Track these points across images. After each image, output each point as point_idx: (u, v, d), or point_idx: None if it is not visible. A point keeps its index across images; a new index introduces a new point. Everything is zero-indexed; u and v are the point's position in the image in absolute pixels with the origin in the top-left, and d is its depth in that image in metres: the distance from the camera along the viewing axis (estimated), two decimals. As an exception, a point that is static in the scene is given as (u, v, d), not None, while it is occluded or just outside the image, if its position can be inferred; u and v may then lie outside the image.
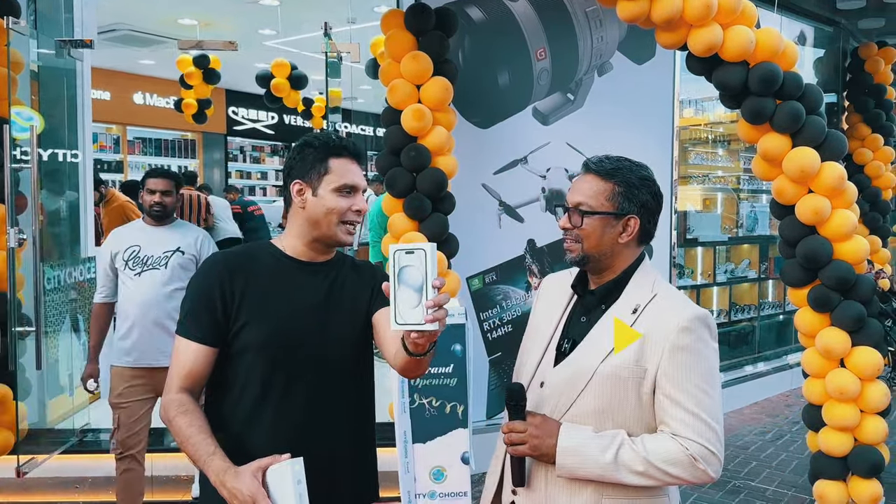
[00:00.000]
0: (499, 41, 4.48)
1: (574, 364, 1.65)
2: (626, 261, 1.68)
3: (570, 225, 1.65)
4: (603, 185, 1.64)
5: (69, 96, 4.52)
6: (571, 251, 1.68)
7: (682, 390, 1.55)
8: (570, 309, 1.78)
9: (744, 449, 4.96)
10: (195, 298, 1.73)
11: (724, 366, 6.20)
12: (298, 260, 1.80)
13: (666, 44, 3.47)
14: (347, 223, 1.76)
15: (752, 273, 6.63)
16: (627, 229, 1.64)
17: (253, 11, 6.42)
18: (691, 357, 1.56)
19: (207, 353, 1.70)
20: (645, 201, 1.65)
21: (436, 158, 3.73)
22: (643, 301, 1.63)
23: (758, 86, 3.39)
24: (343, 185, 1.74)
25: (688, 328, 1.57)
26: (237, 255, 1.81)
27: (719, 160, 6.83)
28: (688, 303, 1.65)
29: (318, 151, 1.75)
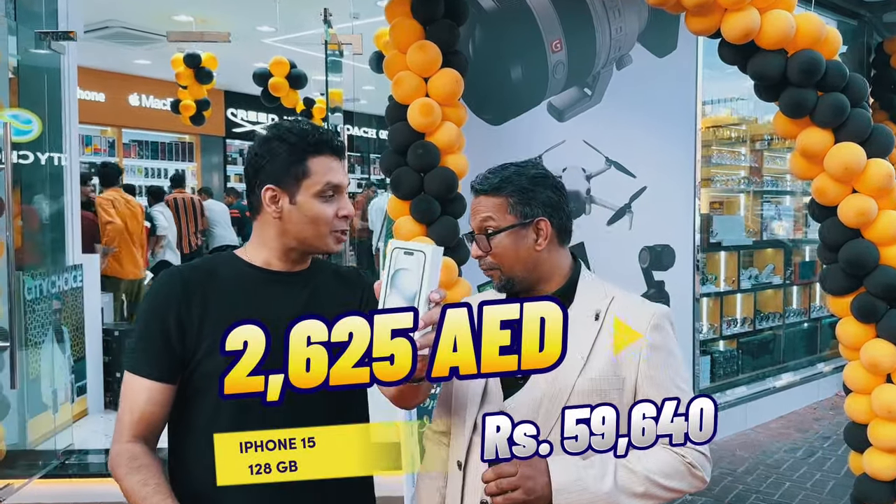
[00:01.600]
0: (512, 32, 4.19)
1: (542, 384, 1.48)
2: (556, 267, 1.57)
3: (481, 252, 1.53)
4: (498, 201, 1.52)
5: (52, 95, 4.24)
6: (494, 278, 1.55)
7: (665, 391, 1.46)
8: None
9: (775, 468, 4.65)
10: (146, 325, 1.45)
11: (749, 377, 5.90)
12: (269, 270, 1.53)
13: (697, 30, 3.20)
14: (337, 231, 1.52)
15: (777, 279, 6.33)
16: (540, 233, 1.53)
17: (250, 7, 6.16)
18: (668, 355, 1.51)
19: (163, 391, 1.42)
20: (546, 199, 1.54)
21: (445, 157, 3.43)
22: (602, 305, 1.54)
23: (798, 76, 3.13)
24: (326, 186, 1.47)
25: (659, 325, 1.51)
26: (194, 269, 1.53)
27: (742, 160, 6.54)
28: (647, 301, 1.59)
29: (294, 149, 1.47)
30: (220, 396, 1.21)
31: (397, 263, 1.16)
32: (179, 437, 1.48)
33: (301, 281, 1.56)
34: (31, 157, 4.09)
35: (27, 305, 3.85)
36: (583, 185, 4.45)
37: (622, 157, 4.56)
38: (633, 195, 4.63)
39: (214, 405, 1.42)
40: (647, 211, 4.66)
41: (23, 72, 4.00)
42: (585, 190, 4.46)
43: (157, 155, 10.10)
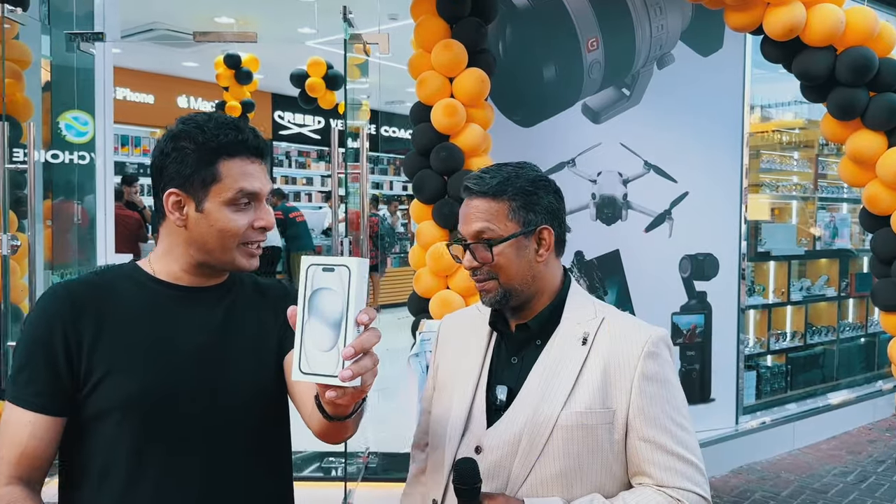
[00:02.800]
0: (545, 30, 4.04)
1: (521, 418, 1.34)
2: (553, 281, 1.43)
3: (479, 262, 1.37)
4: (497, 205, 1.37)
5: (86, 95, 4.28)
6: (488, 291, 1.39)
7: (661, 429, 1.31)
8: (493, 350, 1.44)
9: (822, 493, 4.37)
10: (28, 350, 1.25)
11: (799, 395, 5.60)
12: (176, 285, 1.33)
13: (738, 26, 3.02)
14: (249, 244, 1.31)
15: (831, 291, 6.00)
16: (543, 243, 1.39)
17: (291, 9, 6.14)
18: (662, 387, 1.34)
19: (49, 425, 1.23)
20: (548, 205, 1.40)
21: (469, 160, 3.31)
22: (591, 327, 1.38)
23: (847, 74, 2.93)
24: (238, 193, 1.27)
25: (654, 353, 1.34)
26: (85, 284, 1.32)
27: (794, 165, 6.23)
28: (643, 323, 1.40)
29: (203, 149, 1.26)
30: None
31: (315, 283, 0.99)
32: (71, 481, 1.29)
33: (214, 298, 1.36)
34: (77, 157, 4.14)
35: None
36: (619, 189, 4.27)
37: (662, 161, 4.36)
38: (674, 201, 4.42)
39: (110, 445, 1.24)
40: (688, 218, 4.45)
41: (56, 73, 4.04)
42: (622, 195, 4.27)
43: (205, 156, 10.22)
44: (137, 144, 9.33)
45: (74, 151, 4.02)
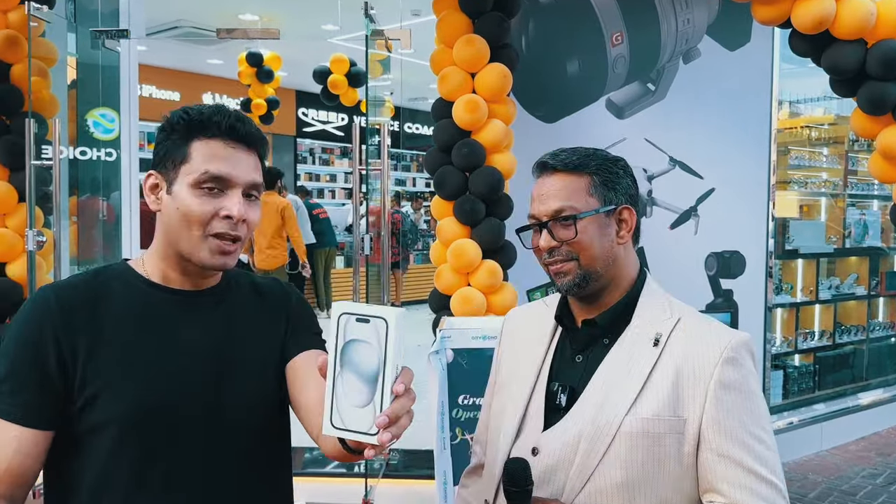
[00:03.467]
0: (568, 24, 3.99)
1: (582, 420, 1.25)
2: (628, 270, 1.34)
3: (558, 241, 1.29)
4: (577, 181, 1.31)
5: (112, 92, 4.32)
6: (566, 273, 1.30)
7: (738, 443, 1.18)
8: (556, 347, 1.36)
9: (851, 495, 4.29)
10: (14, 357, 1.16)
11: (827, 395, 5.50)
12: (169, 288, 1.25)
13: (765, 19, 2.95)
14: (215, 237, 1.19)
15: (861, 289, 5.89)
16: (624, 225, 1.32)
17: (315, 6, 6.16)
18: (742, 397, 1.21)
19: (36, 439, 1.15)
20: (628, 187, 1.34)
21: (491, 156, 3.29)
22: (665, 328, 1.27)
23: (878, 68, 2.85)
24: (204, 175, 1.17)
25: (733, 359, 1.22)
26: (76, 288, 1.22)
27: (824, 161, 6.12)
28: (723, 326, 1.30)
29: (177, 129, 1.20)
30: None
31: (349, 333, 0.92)
32: (59, 498, 1.21)
33: (210, 302, 1.28)
34: (114, 154, 4.19)
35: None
36: (644, 186, 4.21)
37: (688, 157, 4.29)
38: (700, 197, 4.35)
39: (104, 461, 1.16)
40: (714, 214, 4.38)
41: (82, 70, 4.09)
42: (647, 191, 4.22)
43: (230, 153, 10.30)
44: (163, 141, 9.41)
45: (101, 148, 4.08)
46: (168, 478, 1.19)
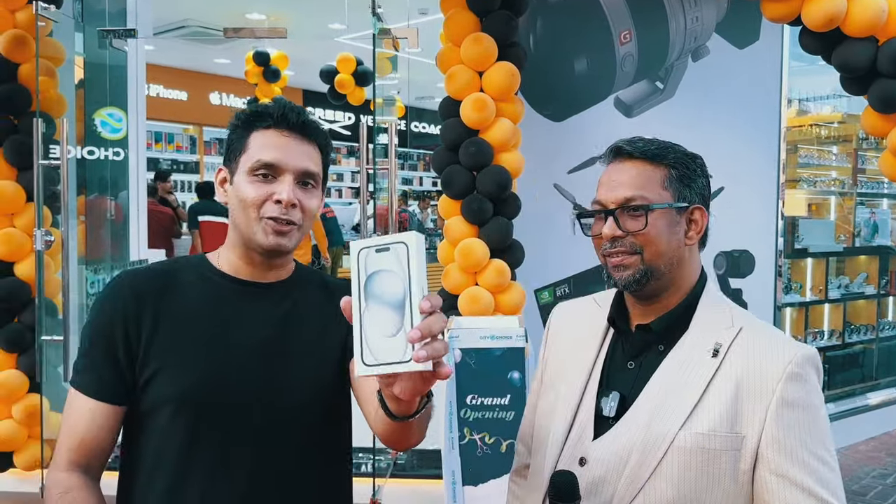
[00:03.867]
0: (576, 22, 3.98)
1: (633, 431, 1.19)
2: (692, 274, 1.27)
3: (623, 231, 1.22)
4: (653, 171, 1.24)
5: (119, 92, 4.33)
6: (627, 267, 1.23)
7: (798, 463, 1.12)
8: (608, 351, 1.30)
9: (861, 495, 4.27)
10: (92, 337, 1.26)
11: (837, 394, 5.48)
12: (238, 279, 1.32)
13: (775, 16, 2.93)
14: (270, 220, 1.26)
15: (870, 289, 5.86)
16: (694, 225, 1.26)
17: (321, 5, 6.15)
18: (805, 415, 1.14)
19: (108, 413, 1.23)
20: (702, 187, 1.29)
21: (499, 155, 3.28)
22: (725, 338, 1.20)
23: (890, 66, 2.83)
24: (257, 163, 1.25)
25: (798, 375, 1.15)
26: (150, 274, 1.32)
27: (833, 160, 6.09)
28: (788, 339, 1.24)
29: (239, 123, 1.31)
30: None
31: (370, 266, 0.91)
32: (124, 479, 1.29)
33: (276, 294, 1.34)
34: (123, 153, 4.19)
35: (89, 299, 3.92)
36: (652, 185, 4.20)
37: (697, 156, 4.28)
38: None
39: (162, 437, 1.23)
40: (723, 213, 4.31)
41: (89, 69, 4.09)
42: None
43: (237, 152, 10.33)
44: (171, 141, 9.45)
45: (109, 147, 4.08)
46: (216, 462, 1.23)
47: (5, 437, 3.38)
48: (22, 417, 3.39)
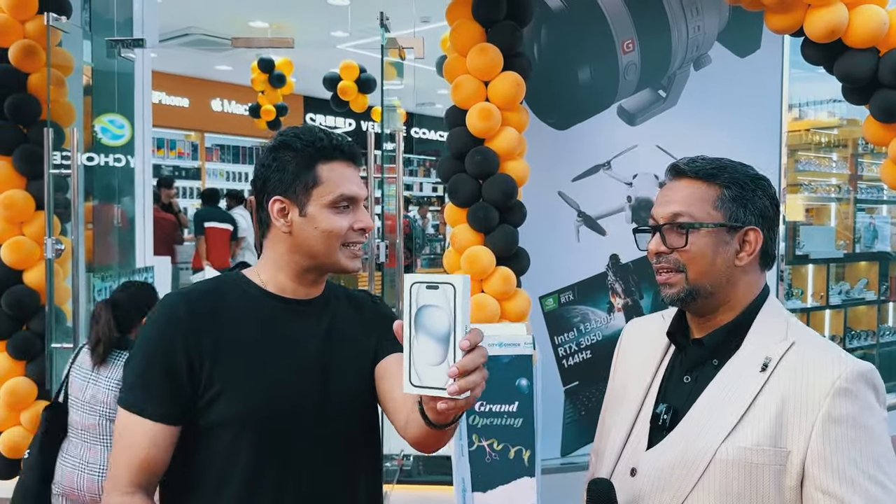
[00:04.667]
0: (580, 32, 4.02)
1: (680, 444, 1.21)
2: (747, 294, 1.26)
3: (667, 248, 1.24)
4: (706, 190, 1.24)
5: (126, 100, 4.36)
6: (672, 285, 1.25)
7: (847, 482, 1.10)
8: (667, 365, 1.31)
9: (863, 500, 4.29)
10: (149, 358, 1.28)
11: (837, 399, 5.51)
12: (284, 298, 1.38)
13: (778, 28, 2.97)
14: (351, 245, 1.36)
15: (871, 294, 5.90)
16: (746, 246, 1.24)
17: (324, 13, 6.20)
18: (855, 432, 1.12)
19: (167, 434, 1.26)
20: (763, 208, 1.26)
21: (504, 163, 3.32)
22: (776, 353, 1.19)
23: (891, 76, 2.87)
24: (339, 197, 1.34)
25: (847, 391, 1.13)
26: (202, 294, 1.37)
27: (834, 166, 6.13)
28: (842, 354, 1.20)
29: (301, 155, 1.34)
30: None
31: (420, 300, 1.02)
32: (179, 495, 1.32)
33: (318, 309, 1.41)
34: (124, 160, 4.21)
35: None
36: (655, 192, 4.21)
37: (699, 163, 4.31)
38: (711, 203, 4.37)
39: (227, 454, 1.27)
40: (725, 220, 4.39)
41: (97, 78, 4.12)
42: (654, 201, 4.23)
43: (238, 159, 10.36)
44: (173, 147, 9.47)
45: (110, 154, 4.10)
46: (282, 477, 1.28)
47: (14, 444, 3.40)
48: (30, 425, 3.41)
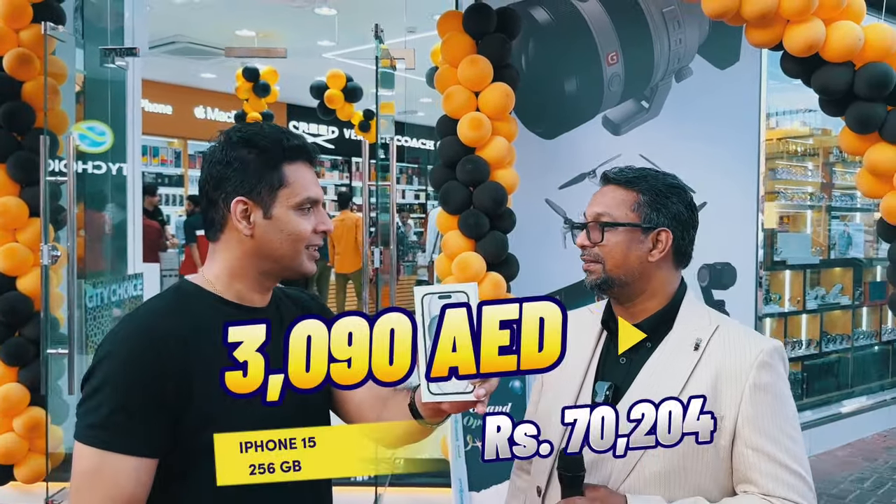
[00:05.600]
0: (566, 44, 4.12)
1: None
2: (665, 285, 1.44)
3: (589, 241, 1.42)
4: (625, 195, 1.43)
5: (117, 108, 4.39)
6: (591, 272, 1.43)
7: (770, 438, 1.31)
8: (602, 349, 1.47)
9: (840, 499, 4.43)
10: (129, 390, 1.16)
11: (814, 402, 5.65)
12: (245, 307, 1.31)
13: (758, 42, 3.08)
14: (311, 248, 1.33)
15: (846, 299, 6.06)
16: (658, 245, 1.41)
17: (310, 22, 6.26)
18: (775, 399, 1.34)
19: (152, 467, 1.17)
20: (677, 213, 1.43)
21: (494, 171, 3.40)
22: (705, 334, 1.39)
23: (866, 89, 2.98)
24: (306, 199, 1.30)
25: (767, 364, 1.34)
26: (168, 314, 1.25)
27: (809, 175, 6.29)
28: (758, 334, 1.45)
29: (266, 155, 1.27)
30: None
31: (433, 310, 1.03)
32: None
33: (272, 315, 1.34)
34: (104, 167, 4.23)
35: (88, 313, 3.96)
36: (638, 200, 4.34)
37: (681, 172, 4.34)
38: (692, 211, 4.49)
39: (208, 487, 1.12)
40: (706, 227, 4.41)
41: (90, 86, 4.15)
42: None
43: (221, 166, 10.32)
44: (156, 154, 9.46)
45: (88, 161, 4.11)
46: (276, 489, 1.20)
47: (6, 450, 3.40)
48: (23, 431, 3.42)
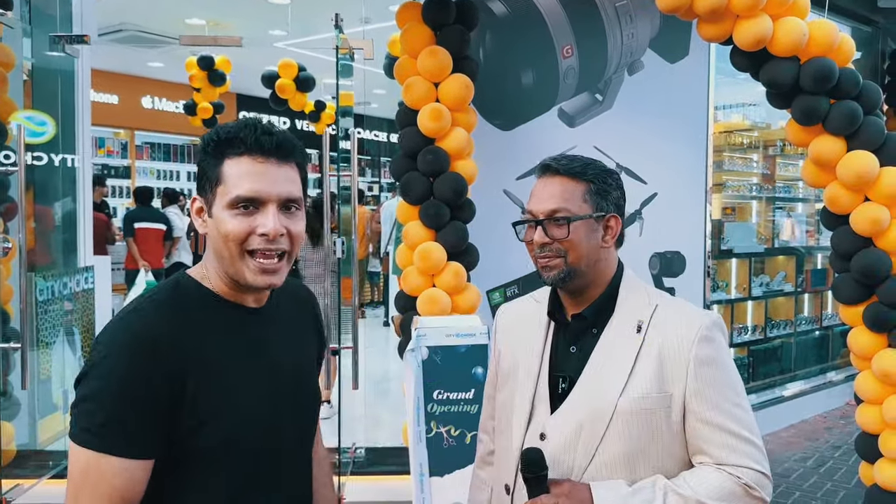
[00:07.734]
0: (522, 37, 4.18)
1: (582, 405, 1.39)
2: (610, 269, 1.47)
3: (550, 238, 1.40)
4: (575, 186, 1.42)
5: (66, 97, 4.28)
6: (553, 268, 1.41)
7: (719, 410, 1.35)
8: (550, 341, 1.49)
9: (785, 477, 4.61)
10: (124, 391, 1.10)
11: (759, 385, 5.86)
12: (243, 306, 1.26)
13: (709, 36, 3.19)
14: (257, 254, 1.17)
15: (789, 286, 6.28)
16: (609, 231, 1.44)
17: (263, 11, 6.18)
18: (718, 370, 1.37)
19: (146, 467, 1.13)
20: (617, 198, 1.46)
21: (454, 162, 3.44)
22: (645, 315, 1.42)
23: (810, 83, 3.12)
24: (235, 199, 1.15)
25: (708, 337, 1.37)
26: (166, 311, 1.18)
27: (755, 166, 6.50)
28: (696, 309, 1.45)
29: (209, 151, 1.19)
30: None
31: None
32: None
33: (275, 314, 1.31)
34: (45, 158, 4.12)
35: (39, 307, 3.87)
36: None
37: (633, 163, 4.54)
38: (644, 201, 4.60)
39: (217, 481, 1.17)
40: (657, 217, 4.64)
41: (37, 74, 4.04)
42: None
43: (170, 157, 10.12)
44: (101, 145, 9.20)
45: (27, 153, 4.01)
46: (270, 488, 1.25)
47: (-43, 444, 3.32)
48: (-25, 424, 3.35)
